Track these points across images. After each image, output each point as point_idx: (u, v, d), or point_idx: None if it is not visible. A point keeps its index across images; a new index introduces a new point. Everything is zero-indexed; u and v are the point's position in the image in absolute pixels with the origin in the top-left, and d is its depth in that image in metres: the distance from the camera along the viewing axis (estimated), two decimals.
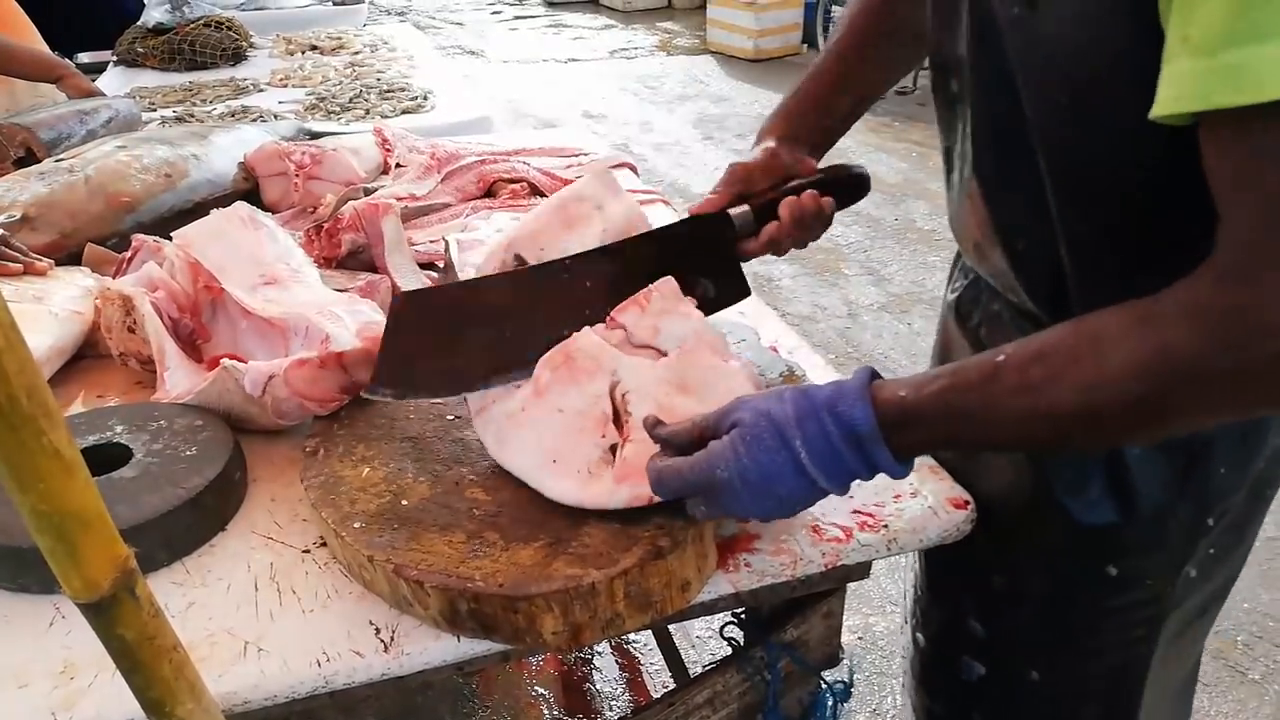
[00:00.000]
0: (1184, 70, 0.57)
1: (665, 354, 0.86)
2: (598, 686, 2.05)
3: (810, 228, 0.98)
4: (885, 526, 0.86)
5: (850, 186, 1.02)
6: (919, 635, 1.09)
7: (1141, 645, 0.93)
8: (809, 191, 0.97)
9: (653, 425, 0.77)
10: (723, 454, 0.71)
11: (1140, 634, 0.93)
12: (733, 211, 0.97)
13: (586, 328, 0.87)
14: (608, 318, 0.88)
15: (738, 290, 0.99)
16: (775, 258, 1.00)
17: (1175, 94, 0.58)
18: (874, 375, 0.71)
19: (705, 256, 0.96)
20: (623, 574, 0.73)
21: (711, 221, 0.96)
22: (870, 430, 0.68)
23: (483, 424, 0.88)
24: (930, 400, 0.67)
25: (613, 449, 0.82)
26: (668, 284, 0.89)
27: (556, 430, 0.83)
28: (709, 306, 0.96)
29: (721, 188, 0.98)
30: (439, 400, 0.97)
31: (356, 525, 0.80)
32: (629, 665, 2.09)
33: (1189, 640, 1.00)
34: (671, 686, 1.81)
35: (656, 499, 0.77)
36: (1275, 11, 0.53)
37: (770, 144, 1.01)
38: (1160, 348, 0.60)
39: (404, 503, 0.83)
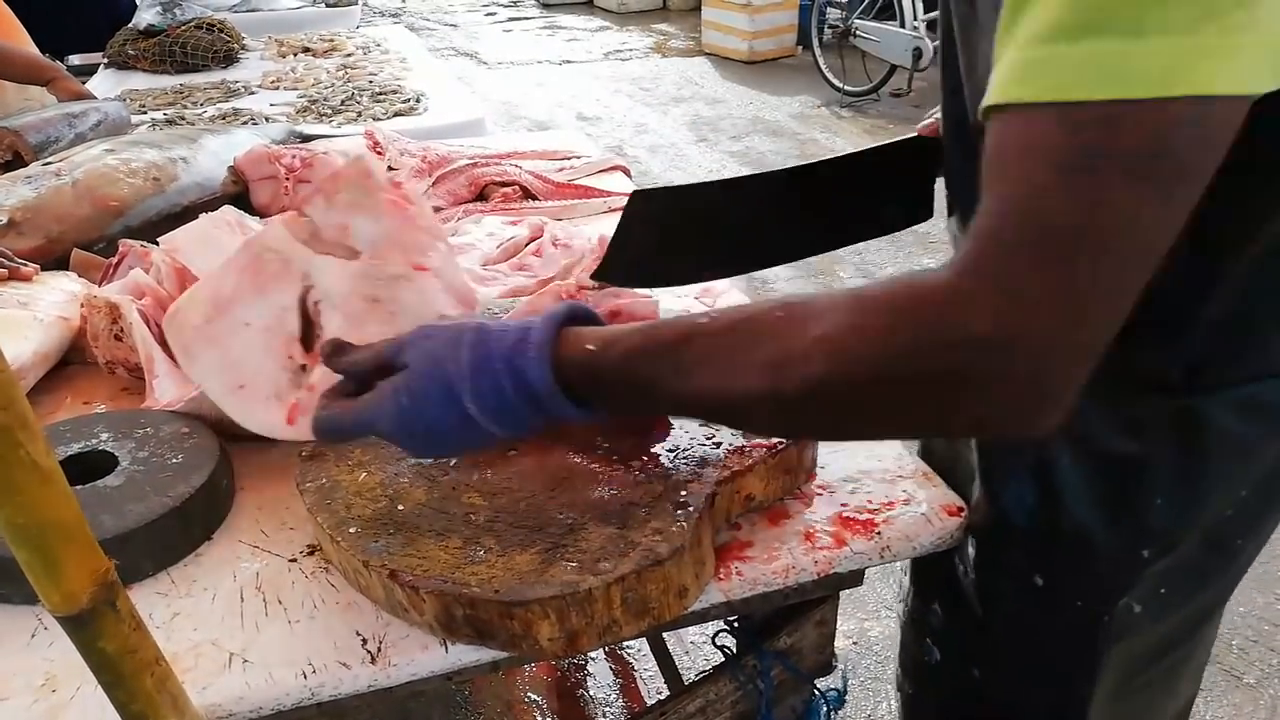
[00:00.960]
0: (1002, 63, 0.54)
1: (360, 253, 0.78)
2: (591, 693, 2.04)
3: None
4: (878, 534, 0.86)
5: None
6: (902, 611, 1.11)
7: (1083, 676, 0.91)
8: None
9: (330, 353, 0.73)
10: (382, 406, 0.69)
11: (1082, 660, 0.90)
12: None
13: (274, 218, 0.79)
14: (298, 208, 0.81)
15: (924, 211, 1.02)
16: None
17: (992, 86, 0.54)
18: (570, 319, 0.67)
19: (909, 176, 0.99)
20: (620, 580, 0.73)
21: (926, 144, 0.98)
22: (547, 391, 0.65)
23: (172, 332, 0.81)
24: (616, 363, 0.64)
25: (304, 369, 0.77)
26: (358, 164, 0.79)
27: (242, 350, 0.77)
28: (891, 226, 1.01)
29: None
30: None
31: (352, 530, 0.79)
32: (623, 671, 2.08)
33: (1152, 689, 0.96)
34: (665, 693, 1.80)
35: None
36: (1092, 7, 0.49)
37: None
38: (855, 329, 0.55)
39: (400, 508, 0.82)
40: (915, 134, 0.99)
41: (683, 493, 0.80)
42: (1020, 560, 0.88)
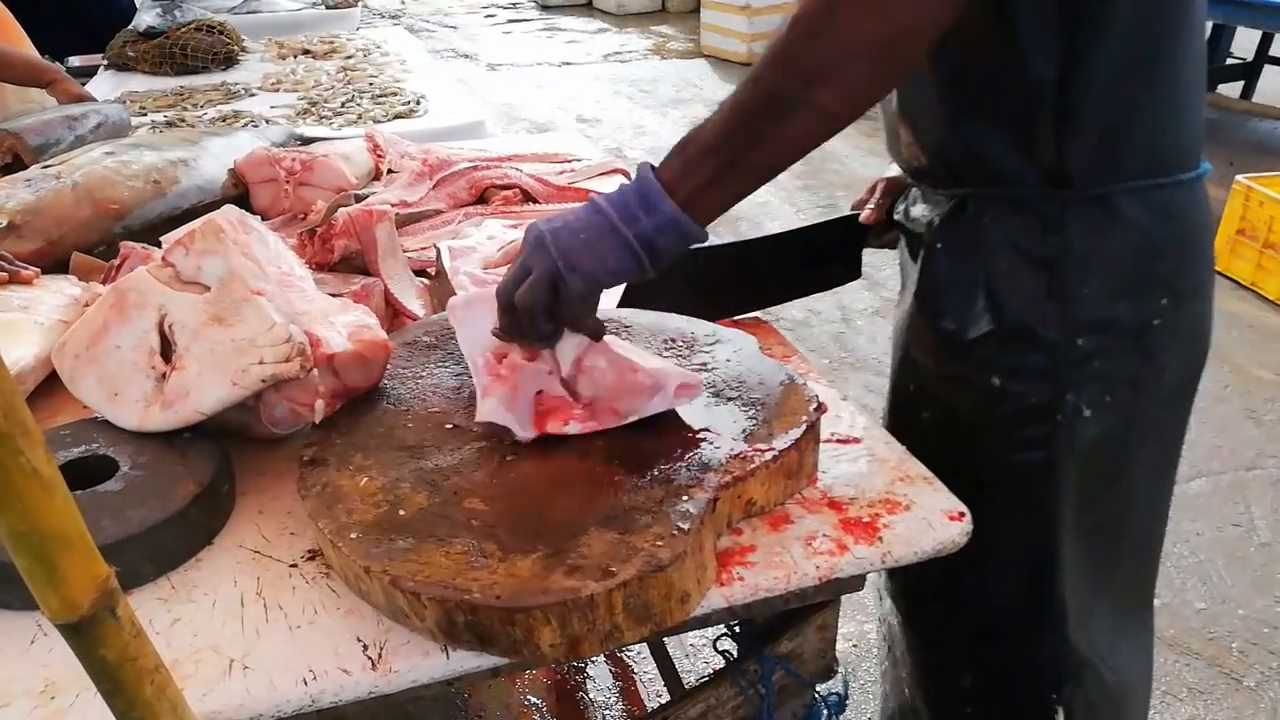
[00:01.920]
0: None
1: (210, 288, 0.97)
2: (591, 696, 2.03)
3: None
4: (880, 539, 0.85)
5: None
6: None
7: (1043, 475, 1.02)
8: None
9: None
10: (536, 224, 0.87)
11: (1039, 460, 1.02)
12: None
13: (140, 266, 1.00)
14: (162, 256, 1.00)
15: (854, 273, 1.27)
16: None
17: None
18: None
19: (840, 245, 1.23)
20: (621, 586, 0.72)
21: (858, 222, 1.22)
22: (652, 184, 0.82)
23: (59, 361, 0.99)
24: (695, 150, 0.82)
25: (165, 377, 0.94)
26: (211, 223, 0.99)
27: (116, 366, 0.95)
28: (826, 285, 1.28)
29: (880, 198, 1.22)
30: (438, 409, 0.96)
31: (353, 536, 0.79)
32: (623, 674, 2.08)
33: (1116, 509, 1.07)
34: (666, 696, 1.80)
35: (198, 416, 0.91)
36: None
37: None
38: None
39: (401, 513, 0.82)
40: (850, 213, 1.23)
41: (684, 498, 0.80)
42: (978, 367, 1.01)
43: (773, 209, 4.63)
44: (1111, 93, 0.91)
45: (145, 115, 2.41)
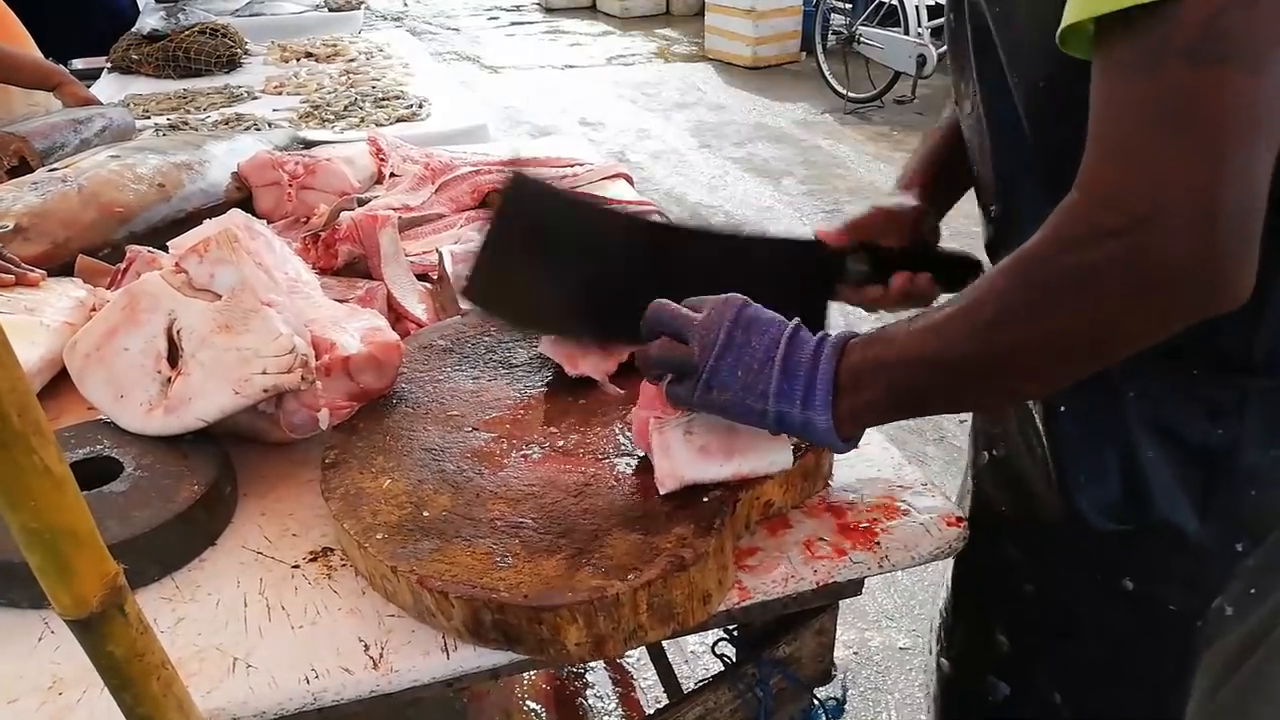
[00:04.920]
0: None
1: (220, 296, 0.98)
2: (590, 701, 2.04)
3: (911, 304, 0.99)
4: (877, 544, 0.86)
5: (964, 271, 1.00)
6: (943, 660, 1.06)
7: (1176, 685, 0.88)
8: (925, 275, 0.98)
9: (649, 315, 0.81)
10: (733, 303, 0.79)
11: (1176, 669, 0.88)
12: (850, 257, 0.98)
13: (149, 270, 1.00)
14: (175, 262, 1.00)
15: (815, 326, 0.92)
16: None
17: (1074, 7, 0.62)
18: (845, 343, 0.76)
19: (803, 283, 0.98)
20: (646, 585, 0.74)
21: (828, 255, 0.98)
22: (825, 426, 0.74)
23: (69, 359, 1.01)
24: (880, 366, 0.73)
25: (170, 382, 0.95)
26: (227, 232, 0.99)
27: (123, 368, 0.96)
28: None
29: (853, 229, 0.98)
30: (456, 412, 0.97)
31: (379, 536, 0.80)
32: (622, 680, 2.08)
33: (1240, 693, 0.93)
34: (665, 702, 1.81)
35: (199, 423, 0.91)
36: None
37: (914, 201, 1.01)
38: (1017, 255, 0.66)
39: (425, 514, 0.83)
40: (817, 238, 0.99)
41: (705, 499, 0.81)
42: (1105, 564, 0.86)
43: (776, 213, 4.65)
44: None
45: (148, 118, 2.42)
